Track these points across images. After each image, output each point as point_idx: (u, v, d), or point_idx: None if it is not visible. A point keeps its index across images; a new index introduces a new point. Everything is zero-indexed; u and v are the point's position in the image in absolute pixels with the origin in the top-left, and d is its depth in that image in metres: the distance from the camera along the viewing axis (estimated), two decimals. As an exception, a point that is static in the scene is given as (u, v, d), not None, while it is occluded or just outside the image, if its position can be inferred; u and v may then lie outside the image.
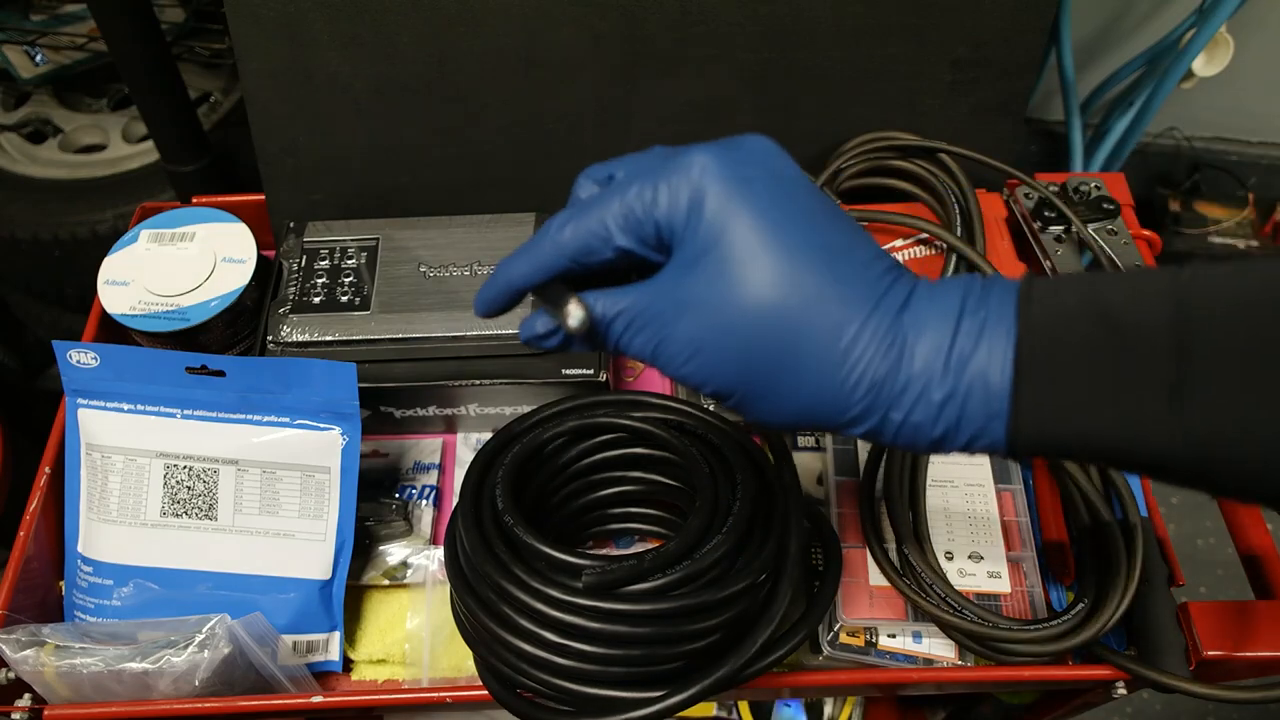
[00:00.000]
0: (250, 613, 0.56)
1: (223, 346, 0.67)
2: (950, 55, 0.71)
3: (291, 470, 0.60)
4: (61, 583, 0.60)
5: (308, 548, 0.60)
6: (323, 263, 0.67)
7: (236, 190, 0.77)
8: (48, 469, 0.61)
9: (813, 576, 0.58)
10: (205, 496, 0.59)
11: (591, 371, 0.65)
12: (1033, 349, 0.31)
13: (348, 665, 0.61)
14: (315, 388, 0.59)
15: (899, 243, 0.72)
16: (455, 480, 0.68)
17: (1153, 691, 0.54)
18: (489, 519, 0.52)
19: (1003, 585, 0.57)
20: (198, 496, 0.59)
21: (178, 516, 0.59)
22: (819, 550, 0.59)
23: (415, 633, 0.61)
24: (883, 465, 0.61)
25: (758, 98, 0.73)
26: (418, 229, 0.69)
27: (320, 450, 0.60)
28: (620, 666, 0.47)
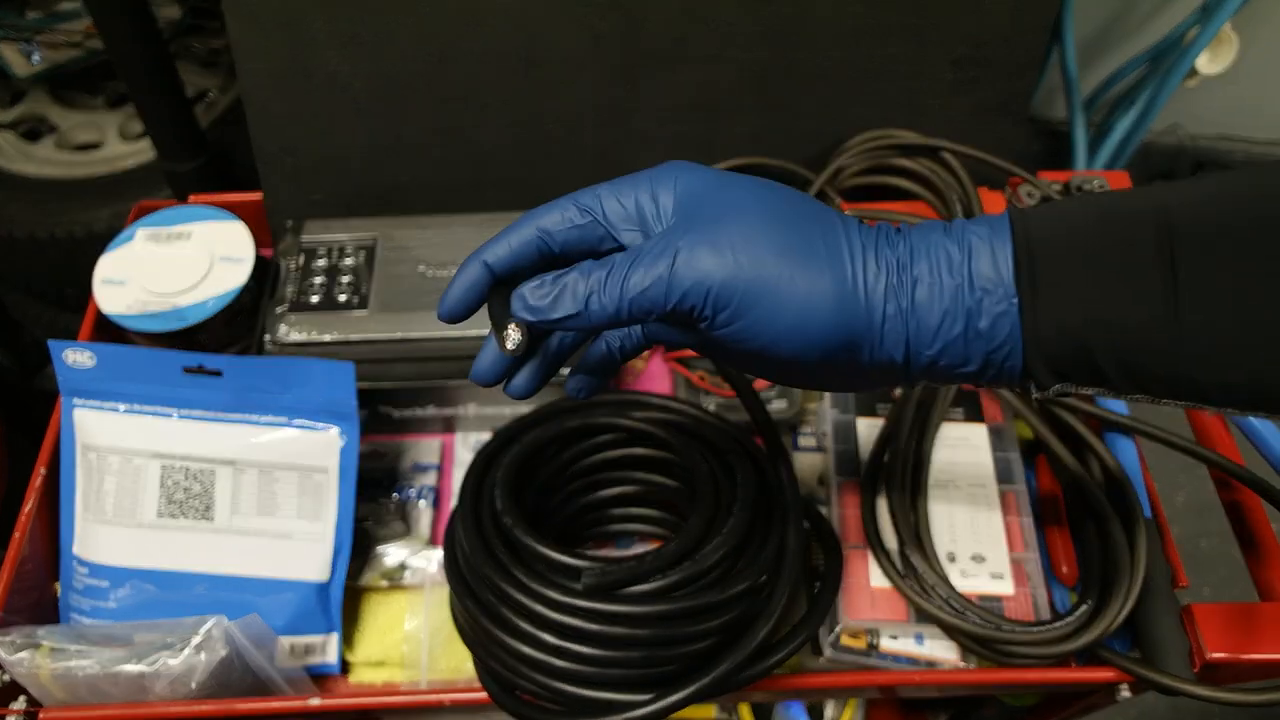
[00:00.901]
0: (247, 614, 0.56)
1: (220, 346, 0.67)
2: (951, 54, 0.71)
3: (289, 471, 0.60)
4: (57, 584, 0.60)
5: (305, 549, 0.59)
6: (321, 262, 0.67)
7: (234, 189, 0.77)
8: (43, 469, 0.60)
9: (813, 578, 0.58)
10: (202, 497, 0.59)
11: (591, 371, 0.64)
12: (1027, 232, 0.32)
13: (346, 667, 0.61)
14: (313, 387, 0.59)
15: (900, 242, 0.71)
16: (454, 481, 0.68)
17: (1157, 694, 0.54)
18: (488, 520, 0.52)
19: (1005, 587, 0.57)
20: (194, 497, 0.59)
21: (174, 517, 0.59)
22: (820, 551, 0.59)
23: (414, 634, 0.60)
24: (884, 465, 0.60)
25: (758, 98, 0.72)
26: (417, 228, 0.69)
27: (318, 450, 0.60)
28: (620, 669, 0.47)
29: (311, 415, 0.60)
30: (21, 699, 0.54)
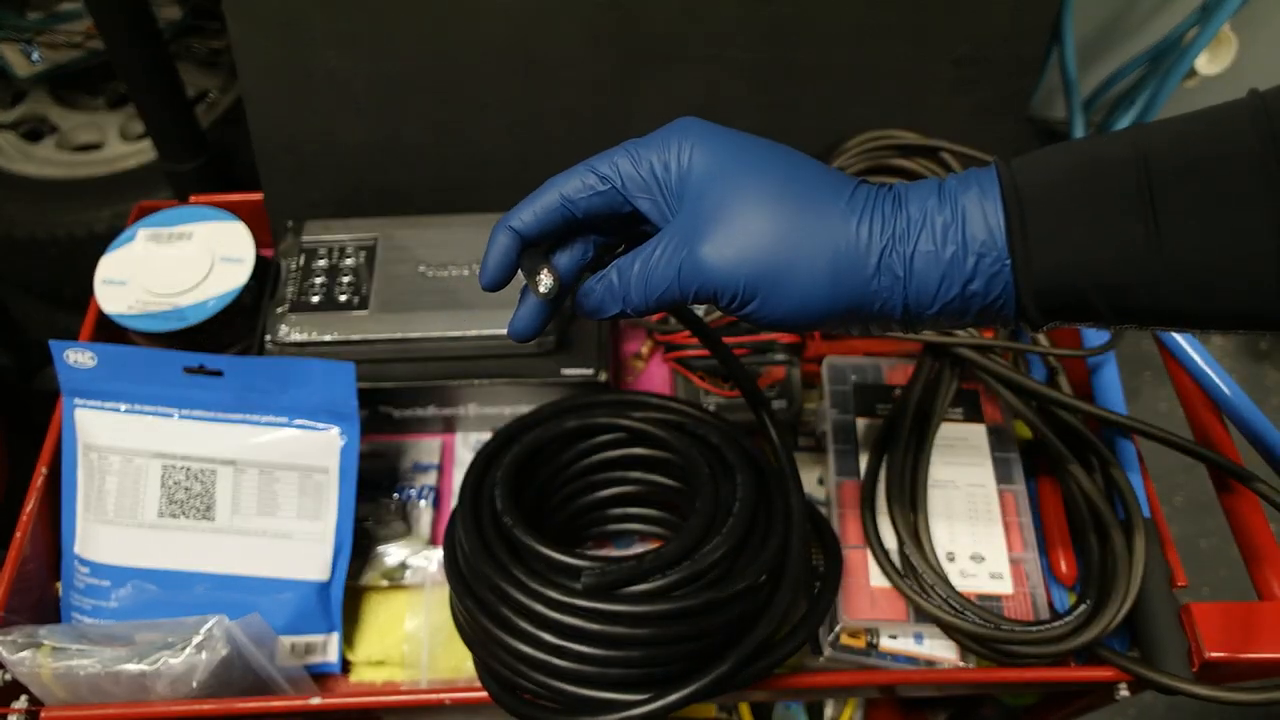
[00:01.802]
0: (248, 614, 0.56)
1: (221, 346, 0.67)
2: (951, 54, 0.71)
3: (290, 470, 0.60)
4: (58, 584, 0.60)
5: (306, 548, 0.59)
6: (321, 262, 0.67)
7: (234, 189, 0.77)
8: (44, 469, 0.60)
9: (813, 577, 0.58)
10: (203, 497, 0.59)
11: (591, 371, 0.65)
12: (1015, 185, 0.34)
13: (346, 667, 0.61)
14: (314, 388, 0.59)
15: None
16: (454, 481, 0.68)
17: (1156, 694, 0.54)
18: (488, 520, 0.52)
19: (1005, 586, 0.57)
20: (195, 497, 0.59)
21: (175, 517, 0.59)
22: (819, 551, 0.59)
23: (414, 634, 0.60)
24: (884, 465, 0.60)
25: (758, 98, 0.72)
26: (417, 228, 0.69)
27: (319, 450, 0.60)
28: (619, 668, 0.47)
29: (312, 415, 0.60)
30: (23, 698, 0.54)
